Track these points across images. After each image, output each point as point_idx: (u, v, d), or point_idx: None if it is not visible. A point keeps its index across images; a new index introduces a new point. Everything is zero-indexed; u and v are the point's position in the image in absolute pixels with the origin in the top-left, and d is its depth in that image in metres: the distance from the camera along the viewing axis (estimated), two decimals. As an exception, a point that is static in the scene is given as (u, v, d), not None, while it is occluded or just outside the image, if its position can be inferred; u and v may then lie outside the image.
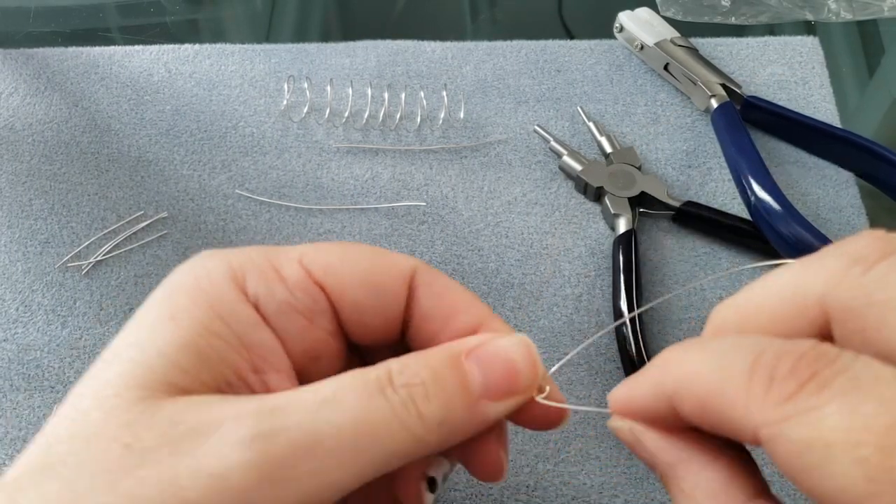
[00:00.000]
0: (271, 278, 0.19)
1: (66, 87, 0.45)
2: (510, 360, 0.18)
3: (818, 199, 0.40)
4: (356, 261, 0.20)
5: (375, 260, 0.20)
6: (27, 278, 0.38)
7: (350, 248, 0.20)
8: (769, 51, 0.45)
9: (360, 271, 0.19)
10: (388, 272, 0.20)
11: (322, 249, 0.20)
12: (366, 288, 0.19)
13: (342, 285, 0.19)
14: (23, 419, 0.34)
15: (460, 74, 0.45)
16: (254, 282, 0.19)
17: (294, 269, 0.19)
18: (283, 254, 0.20)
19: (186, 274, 0.19)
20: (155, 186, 0.41)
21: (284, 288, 0.19)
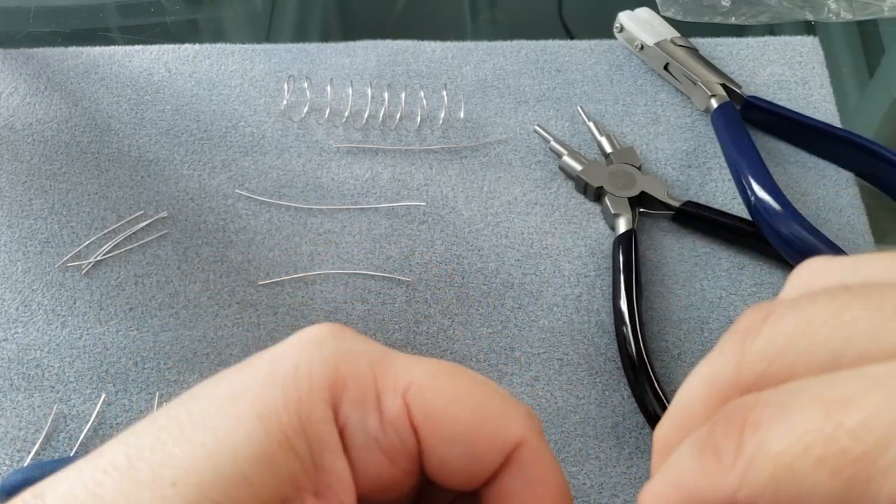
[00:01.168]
0: (368, 406, 0.17)
1: (66, 86, 0.45)
2: None
3: (818, 199, 0.40)
4: (463, 414, 0.17)
5: (485, 419, 0.18)
6: (27, 278, 0.38)
7: (464, 389, 0.18)
8: (769, 51, 0.45)
9: (463, 432, 0.17)
10: (493, 439, 0.17)
11: (433, 382, 0.17)
12: (461, 452, 0.17)
13: (437, 439, 0.17)
14: (23, 419, 0.34)
15: (460, 74, 0.45)
16: (349, 405, 0.17)
17: (396, 404, 0.17)
18: (392, 376, 0.17)
19: (292, 358, 0.17)
20: (155, 186, 0.41)
21: (378, 423, 0.17)
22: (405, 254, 0.38)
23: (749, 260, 0.38)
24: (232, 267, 0.38)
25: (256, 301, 0.37)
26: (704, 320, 0.36)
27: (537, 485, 0.18)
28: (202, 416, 0.16)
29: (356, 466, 0.17)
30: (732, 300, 0.37)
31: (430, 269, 0.38)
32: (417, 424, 0.17)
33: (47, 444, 0.34)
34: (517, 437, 0.18)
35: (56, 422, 0.34)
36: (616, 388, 0.35)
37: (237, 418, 0.16)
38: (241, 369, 0.17)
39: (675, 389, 0.35)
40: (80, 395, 0.35)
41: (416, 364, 0.18)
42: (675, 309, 0.37)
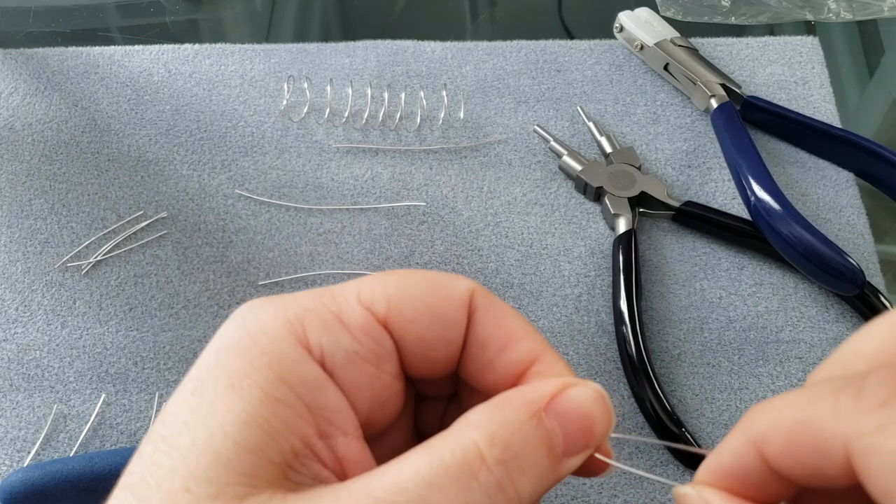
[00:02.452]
0: (334, 326, 0.17)
1: (66, 86, 0.45)
2: (588, 415, 0.17)
3: (818, 199, 0.40)
4: (416, 290, 0.18)
5: (435, 286, 0.18)
6: (27, 278, 0.38)
7: (406, 276, 0.18)
8: (769, 51, 0.45)
9: (422, 302, 0.18)
10: (449, 298, 0.18)
11: (379, 283, 0.18)
12: (429, 319, 0.18)
13: (405, 320, 0.18)
14: (23, 419, 0.34)
15: (460, 74, 0.45)
16: (316, 333, 0.17)
17: (356, 311, 0.17)
18: (340, 295, 0.18)
19: (239, 330, 0.17)
20: (155, 186, 0.41)
21: (349, 335, 0.17)
22: (405, 254, 0.38)
23: (749, 260, 0.38)
24: (232, 267, 0.38)
25: (256, 301, 0.37)
26: (704, 320, 0.36)
27: (502, 319, 0.19)
28: (179, 422, 0.16)
29: (347, 389, 0.17)
30: (732, 300, 0.37)
31: (429, 269, 0.38)
32: (384, 319, 0.18)
33: (47, 445, 0.34)
34: (468, 289, 0.19)
35: (56, 422, 0.34)
36: (616, 388, 0.35)
37: (211, 402, 0.16)
38: (191, 371, 0.17)
39: (675, 389, 0.35)
40: (80, 396, 0.35)
41: (356, 280, 0.18)
42: (675, 309, 0.37)
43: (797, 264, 0.36)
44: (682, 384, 0.35)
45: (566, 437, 0.17)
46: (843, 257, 0.35)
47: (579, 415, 0.17)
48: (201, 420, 0.16)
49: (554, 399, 0.17)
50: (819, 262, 0.35)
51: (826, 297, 0.37)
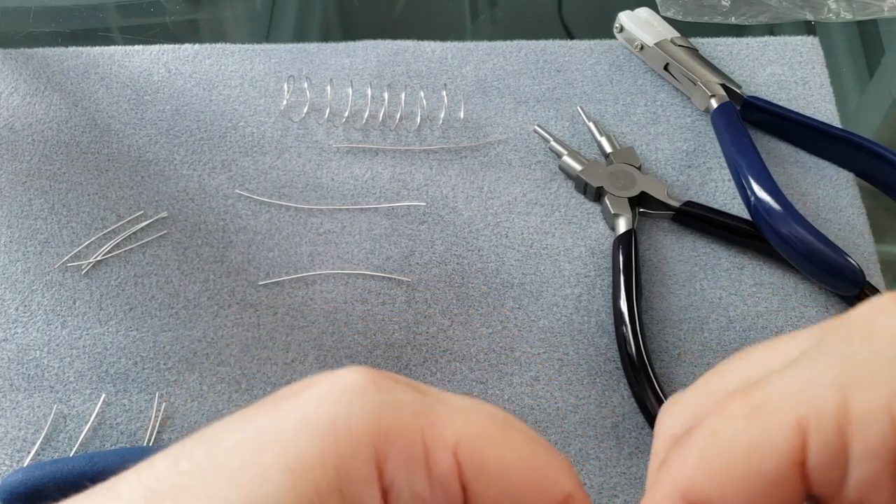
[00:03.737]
0: (416, 463, 0.16)
1: (66, 86, 0.45)
2: None
3: (818, 199, 0.40)
4: (513, 469, 0.16)
5: (535, 473, 0.16)
6: (27, 278, 0.38)
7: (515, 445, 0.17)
8: (769, 51, 0.45)
9: (513, 487, 0.16)
10: (544, 495, 0.17)
11: (484, 441, 0.16)
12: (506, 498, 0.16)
13: (489, 495, 0.16)
14: (23, 419, 0.34)
15: (460, 74, 0.45)
16: (396, 462, 0.16)
17: (446, 460, 0.16)
18: (440, 429, 0.16)
19: (329, 407, 0.16)
20: (155, 186, 0.41)
21: (426, 482, 0.16)
22: (405, 254, 0.38)
23: (749, 260, 0.38)
24: (232, 267, 0.38)
25: (256, 301, 0.37)
26: (704, 320, 0.36)
27: None
28: (226, 463, 0.15)
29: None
30: (732, 300, 0.37)
31: (429, 269, 0.38)
32: (467, 481, 0.16)
33: (47, 445, 0.34)
34: (565, 492, 0.17)
35: (56, 422, 0.34)
36: (616, 389, 0.35)
37: (265, 470, 0.15)
38: (270, 410, 0.16)
39: (675, 389, 0.35)
40: (80, 396, 0.35)
41: (465, 414, 0.17)
42: (675, 309, 0.37)
43: (797, 264, 0.36)
44: (682, 384, 0.35)
45: None
46: (843, 257, 0.35)
47: None
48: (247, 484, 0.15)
49: None
50: (819, 262, 0.35)
51: (826, 297, 0.37)
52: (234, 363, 0.35)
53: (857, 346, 0.15)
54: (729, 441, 0.15)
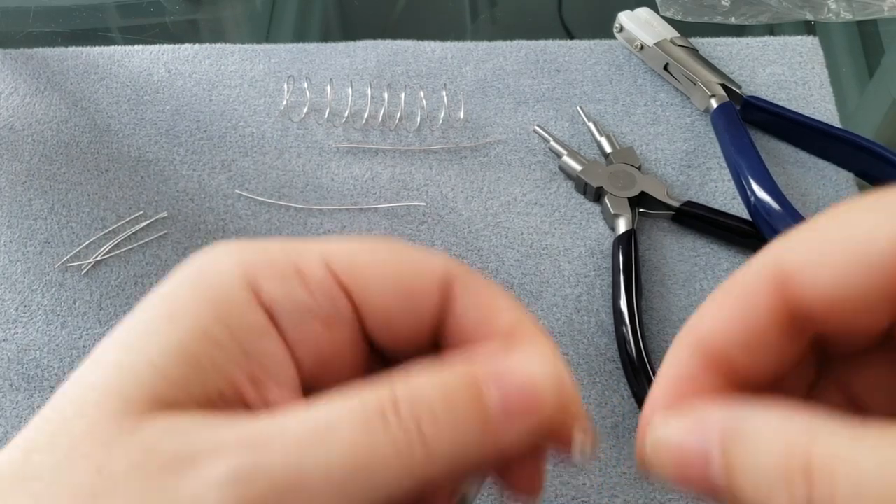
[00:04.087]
0: (291, 279, 0.17)
1: (66, 87, 0.45)
2: (529, 379, 0.16)
3: (818, 199, 0.40)
4: (386, 262, 0.18)
5: (407, 262, 0.18)
6: (27, 278, 0.38)
7: (379, 247, 0.18)
8: (769, 51, 0.45)
9: (390, 275, 0.18)
10: (421, 276, 0.18)
11: (349, 248, 0.18)
12: (396, 294, 0.17)
13: (369, 290, 0.17)
14: (22, 419, 0.34)
15: (460, 74, 0.45)
16: (270, 283, 0.17)
17: (318, 270, 0.17)
18: (306, 251, 0.17)
19: (194, 268, 0.17)
20: (155, 186, 0.41)
21: (305, 291, 0.17)
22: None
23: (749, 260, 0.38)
24: (232, 267, 0.38)
25: (256, 301, 0.37)
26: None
27: (481, 296, 0.18)
28: (116, 342, 0.16)
29: (291, 343, 0.17)
30: (732, 300, 0.37)
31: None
32: (346, 283, 0.17)
33: (47, 445, 0.34)
34: (443, 268, 0.18)
35: (56, 422, 0.34)
36: (616, 388, 0.35)
37: (146, 329, 0.16)
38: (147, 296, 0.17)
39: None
40: (80, 396, 0.35)
41: (327, 239, 0.18)
42: (675, 309, 0.37)
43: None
44: (682, 384, 0.35)
45: (504, 403, 0.16)
46: (843, 257, 0.35)
47: (519, 379, 0.16)
48: (133, 344, 0.16)
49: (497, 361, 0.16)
50: (819, 262, 0.35)
51: (826, 297, 0.37)
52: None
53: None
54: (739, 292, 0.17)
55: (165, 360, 0.16)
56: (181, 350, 0.16)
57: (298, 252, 0.17)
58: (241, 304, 0.17)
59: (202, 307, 0.16)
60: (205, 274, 0.17)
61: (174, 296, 0.17)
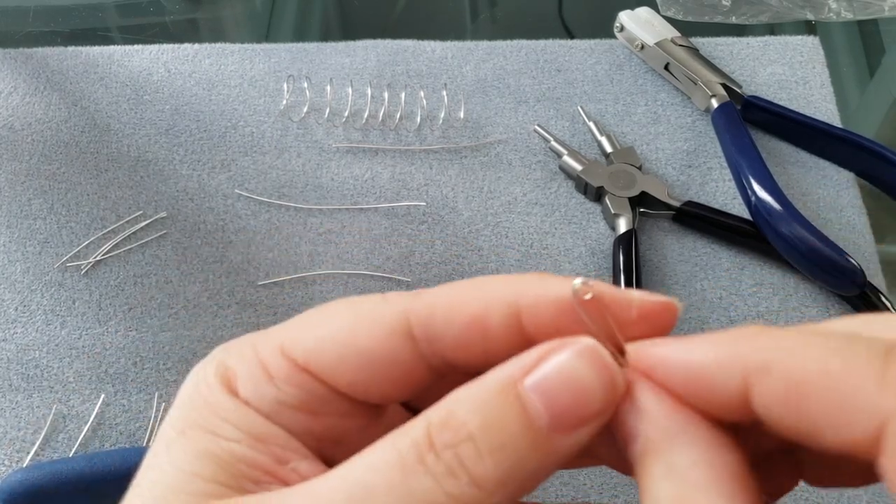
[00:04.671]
0: (258, 377, 0.17)
1: (66, 86, 0.45)
2: (576, 380, 0.14)
3: (819, 199, 0.40)
4: (336, 330, 0.17)
5: (355, 320, 0.17)
6: (26, 278, 0.38)
7: (324, 315, 0.17)
8: (770, 50, 0.45)
9: (340, 343, 0.17)
10: (371, 333, 0.17)
11: (302, 328, 0.18)
12: (354, 361, 0.17)
13: (328, 366, 0.17)
14: (22, 419, 0.34)
15: (460, 74, 0.45)
16: (243, 385, 0.17)
17: (277, 361, 0.17)
18: (268, 343, 0.18)
19: (191, 382, 0.18)
20: (154, 186, 0.41)
21: (272, 386, 0.17)
22: (405, 254, 0.38)
23: (749, 260, 0.38)
24: (231, 267, 0.38)
25: (256, 301, 0.37)
26: (704, 320, 0.36)
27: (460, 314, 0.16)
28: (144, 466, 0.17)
29: (291, 432, 0.17)
30: (733, 300, 0.37)
31: (429, 269, 0.38)
32: (305, 366, 0.17)
33: (46, 445, 0.33)
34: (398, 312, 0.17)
35: (55, 422, 0.34)
36: (616, 389, 0.35)
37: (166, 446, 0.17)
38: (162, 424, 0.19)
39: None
40: (80, 396, 0.35)
41: (288, 325, 0.18)
42: (675, 309, 0.37)
43: (798, 264, 0.36)
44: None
45: (551, 409, 0.14)
46: (844, 257, 0.34)
47: (563, 380, 0.14)
48: (158, 461, 0.17)
49: (534, 368, 0.15)
50: (820, 262, 0.35)
51: (827, 298, 0.37)
52: (234, 363, 0.35)
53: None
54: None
55: (189, 462, 0.16)
56: (201, 453, 0.16)
57: (264, 346, 0.18)
58: (230, 406, 0.17)
59: (204, 415, 0.17)
60: (197, 384, 0.18)
61: (181, 413, 0.18)
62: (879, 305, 0.36)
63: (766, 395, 0.13)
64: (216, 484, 0.16)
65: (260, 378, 0.17)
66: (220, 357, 0.18)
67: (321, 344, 0.17)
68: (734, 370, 0.14)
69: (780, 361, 0.13)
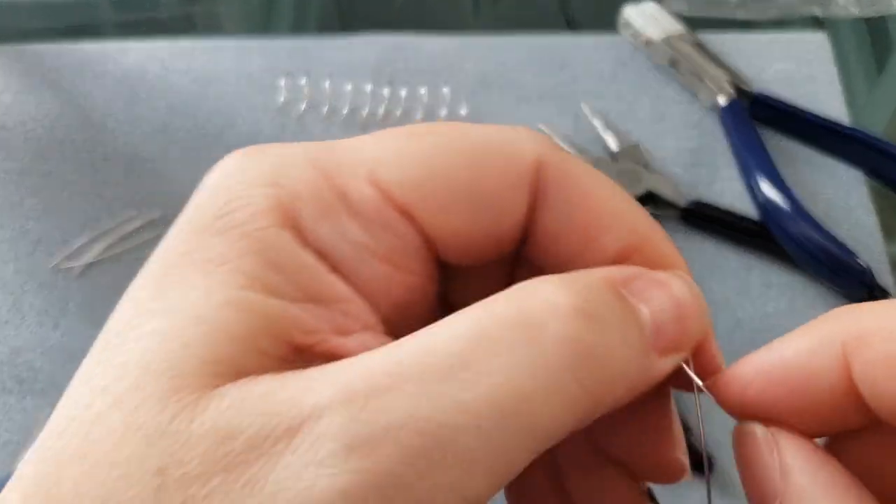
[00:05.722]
0: (338, 212, 0.13)
1: (60, 83, 0.44)
2: (680, 301, 0.13)
3: (827, 198, 0.39)
4: (452, 165, 0.14)
5: (482, 156, 0.14)
6: (18, 279, 0.37)
7: (441, 143, 0.14)
8: (777, 47, 0.45)
9: (460, 182, 0.13)
10: (502, 175, 0.14)
11: (400, 154, 0.14)
12: (470, 207, 0.13)
13: (435, 209, 0.13)
14: (14, 422, 0.34)
15: (462, 70, 0.44)
16: (313, 220, 0.13)
17: (366, 193, 0.13)
18: (348, 167, 0.14)
19: (217, 203, 0.13)
20: (149, 185, 0.40)
21: (358, 226, 0.13)
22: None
23: (758, 260, 0.38)
24: (228, 267, 0.38)
25: (253, 302, 0.36)
26: (712, 322, 0.36)
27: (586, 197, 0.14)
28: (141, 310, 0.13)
29: (357, 288, 0.13)
30: (740, 301, 0.36)
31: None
32: (404, 204, 0.13)
33: (39, 450, 0.33)
34: (533, 157, 0.14)
35: (48, 427, 0.34)
36: (622, 392, 0.34)
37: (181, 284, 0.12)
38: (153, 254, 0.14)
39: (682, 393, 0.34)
40: (73, 400, 0.34)
41: (371, 143, 0.14)
42: (681, 311, 0.36)
43: (805, 264, 0.36)
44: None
45: (655, 325, 0.13)
46: (853, 258, 0.34)
47: (669, 299, 0.13)
48: (168, 305, 0.12)
49: (640, 278, 0.13)
50: (828, 262, 0.34)
51: (835, 299, 0.36)
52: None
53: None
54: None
55: (218, 313, 0.12)
56: (235, 300, 0.12)
57: (339, 170, 0.13)
58: (287, 245, 0.13)
59: (243, 255, 0.12)
60: (232, 210, 0.13)
61: (200, 244, 0.13)
62: (890, 307, 0.35)
63: (868, 366, 0.12)
64: (250, 348, 0.12)
65: (340, 213, 0.13)
66: (270, 173, 0.14)
67: (430, 179, 0.13)
68: (832, 350, 0.13)
69: (876, 330, 0.12)
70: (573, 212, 0.14)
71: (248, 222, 0.13)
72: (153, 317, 0.12)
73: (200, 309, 0.12)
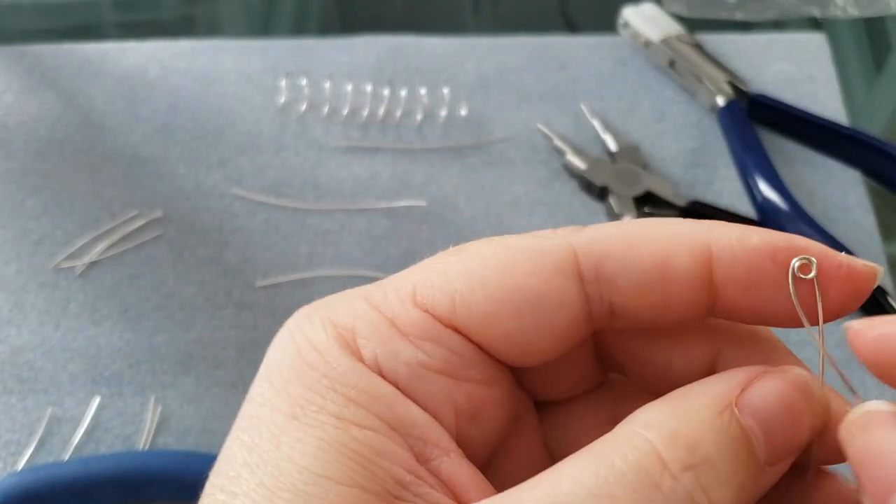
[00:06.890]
0: (388, 334, 0.14)
1: (60, 83, 0.44)
2: (794, 407, 0.13)
3: (825, 198, 0.40)
4: (489, 274, 0.14)
5: (514, 261, 0.14)
6: (20, 279, 0.37)
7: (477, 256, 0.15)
8: (776, 47, 0.45)
9: (498, 289, 0.14)
10: (538, 273, 0.14)
11: (441, 273, 0.14)
12: (513, 309, 0.14)
13: (480, 318, 0.14)
14: (16, 422, 0.34)
15: (462, 71, 0.44)
16: (369, 345, 0.14)
17: (409, 313, 0.14)
18: (394, 294, 0.14)
19: (288, 352, 0.14)
20: (150, 185, 0.40)
21: (409, 345, 0.14)
22: (405, 254, 0.38)
23: (756, 260, 0.38)
24: (228, 268, 0.38)
25: (253, 302, 0.37)
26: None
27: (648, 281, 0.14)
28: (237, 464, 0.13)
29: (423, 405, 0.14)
30: (739, 302, 0.36)
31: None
32: (451, 321, 0.14)
33: (41, 448, 0.33)
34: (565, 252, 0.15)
35: (50, 425, 0.34)
36: (620, 392, 0.34)
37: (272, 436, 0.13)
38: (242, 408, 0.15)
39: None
40: (74, 398, 0.34)
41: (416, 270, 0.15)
42: (680, 310, 0.36)
43: (804, 265, 0.36)
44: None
45: (768, 438, 0.13)
46: (852, 258, 0.34)
47: (781, 407, 0.13)
48: (265, 457, 0.13)
49: (747, 390, 0.13)
50: (827, 262, 0.34)
51: (834, 299, 0.37)
52: (231, 366, 0.35)
53: None
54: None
55: (316, 459, 0.12)
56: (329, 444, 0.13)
57: (386, 300, 0.14)
58: (361, 377, 0.13)
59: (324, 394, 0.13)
60: (306, 358, 0.14)
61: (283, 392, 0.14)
62: (887, 307, 0.35)
63: None
64: (357, 489, 0.12)
65: (390, 335, 0.14)
66: (328, 317, 0.14)
67: (469, 288, 0.14)
68: None
69: None
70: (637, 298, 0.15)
71: (320, 364, 0.14)
72: (253, 471, 0.13)
73: (296, 457, 0.12)
